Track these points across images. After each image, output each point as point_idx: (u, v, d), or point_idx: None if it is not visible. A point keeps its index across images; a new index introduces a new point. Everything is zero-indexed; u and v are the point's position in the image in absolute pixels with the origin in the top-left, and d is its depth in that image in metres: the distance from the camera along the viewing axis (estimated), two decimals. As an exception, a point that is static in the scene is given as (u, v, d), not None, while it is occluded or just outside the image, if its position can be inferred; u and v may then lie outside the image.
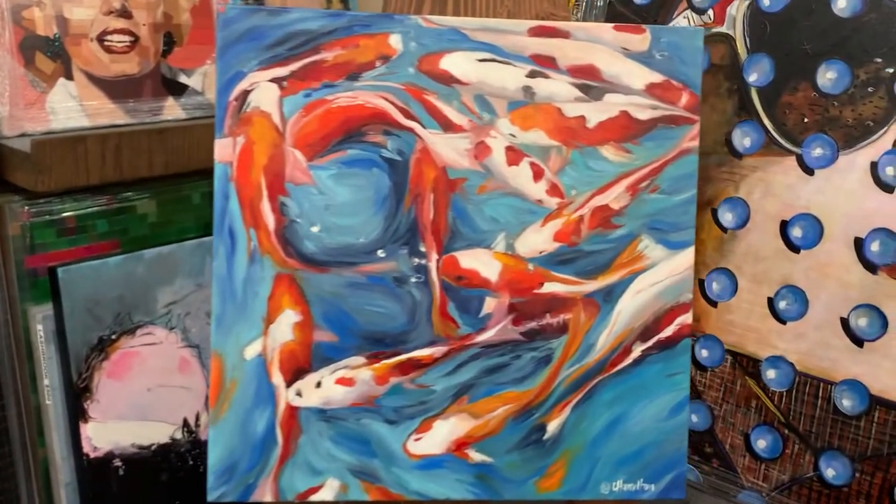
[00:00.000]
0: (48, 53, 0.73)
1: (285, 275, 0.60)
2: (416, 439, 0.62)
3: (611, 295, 0.63)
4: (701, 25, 0.77)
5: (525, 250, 0.62)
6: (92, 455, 0.80)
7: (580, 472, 0.63)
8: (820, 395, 0.70)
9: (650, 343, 0.64)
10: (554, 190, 0.62)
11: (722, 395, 0.77)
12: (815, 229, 0.69)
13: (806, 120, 0.70)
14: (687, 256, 0.63)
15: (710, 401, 0.78)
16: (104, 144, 0.72)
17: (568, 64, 0.62)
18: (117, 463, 0.83)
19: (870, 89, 0.67)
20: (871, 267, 0.66)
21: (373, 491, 0.61)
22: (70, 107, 0.74)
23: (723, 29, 0.75)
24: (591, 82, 0.62)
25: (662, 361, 0.64)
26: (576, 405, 0.63)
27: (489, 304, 0.62)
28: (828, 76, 0.69)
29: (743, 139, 0.73)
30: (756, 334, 0.73)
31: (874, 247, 0.66)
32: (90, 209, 0.76)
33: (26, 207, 0.70)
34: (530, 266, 0.62)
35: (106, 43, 0.76)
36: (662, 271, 0.63)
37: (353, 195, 0.60)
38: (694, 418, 0.79)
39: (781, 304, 0.71)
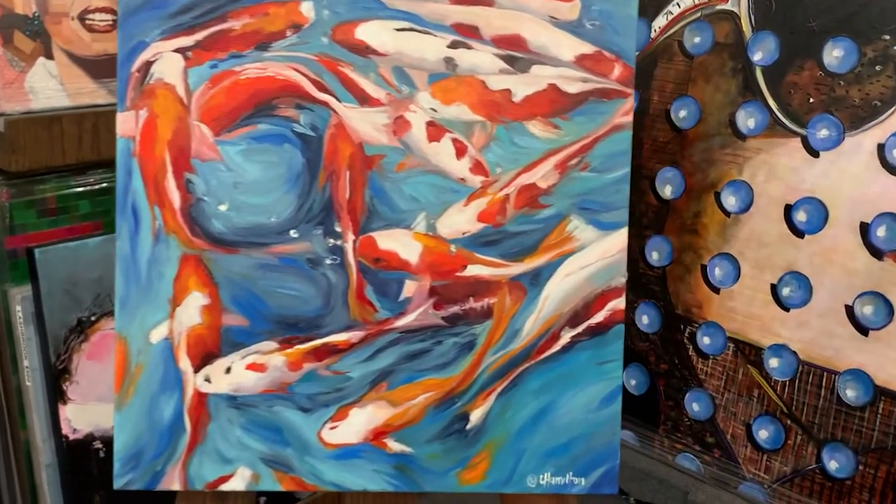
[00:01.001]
0: (27, 32, 0.71)
1: (192, 255, 0.58)
2: (332, 428, 0.59)
3: (538, 278, 0.60)
4: (705, 3, 0.74)
5: (447, 231, 0.59)
6: (71, 437, 0.80)
7: (505, 463, 0.60)
8: (823, 384, 0.68)
9: (580, 329, 0.61)
10: (477, 168, 0.59)
11: (723, 384, 0.76)
12: (820, 214, 0.67)
13: (811, 100, 0.68)
14: (619, 238, 0.60)
15: (711, 389, 0.77)
16: (81, 124, 0.71)
17: (492, 34, 0.59)
18: (97, 445, 0.82)
19: (877, 67, 0.64)
20: (877, 253, 0.64)
21: (286, 481, 0.59)
22: (50, 87, 0.73)
23: (727, 6, 0.73)
24: (516, 53, 0.59)
25: (593, 349, 0.61)
26: (500, 393, 0.60)
27: (409, 288, 0.59)
28: (834, 54, 0.67)
29: (747, 120, 0.71)
30: (759, 322, 0.71)
31: (880, 232, 0.64)
32: (71, 190, 0.75)
33: (5, 188, 0.69)
34: (452, 248, 0.59)
35: (87, 21, 0.74)
36: (593, 253, 0.60)
37: (264, 172, 0.58)
38: (695, 407, 0.77)
39: (785, 291, 0.69)
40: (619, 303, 0.60)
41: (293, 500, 1.04)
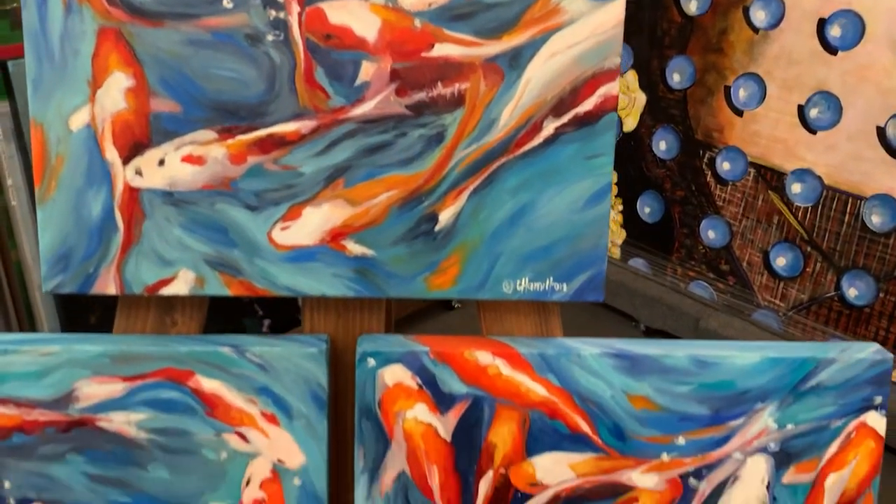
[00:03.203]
0: None
1: (111, 29, 0.50)
2: (283, 228, 0.53)
3: (518, 59, 0.52)
4: None
5: (410, 2, 0.50)
6: None
7: (478, 268, 0.55)
8: (848, 210, 0.66)
9: (565, 119, 0.53)
10: (446, -78, 0.49)
11: (742, 211, 0.74)
12: (856, 28, 0.62)
13: None
14: (615, 10, 0.51)
15: (728, 216, 0.75)
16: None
17: None
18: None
19: None
20: (916, 70, 0.56)
21: (234, 285, 0.54)
22: None
23: None
24: None
25: (580, 141, 0.53)
26: (473, 192, 0.53)
27: (366, 70, 0.51)
28: None
29: (779, -79, 0.61)
30: (783, 145, 0.68)
31: (921, 48, 0.56)
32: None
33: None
34: (417, 22, 0.51)
35: None
36: (584, 29, 0.51)
37: (188, -73, 0.49)
38: (711, 234, 0.75)
39: (813, 113, 0.66)
40: (612, 87, 0.52)
41: (296, 322, 1.02)
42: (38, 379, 0.53)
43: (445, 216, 0.54)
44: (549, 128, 0.53)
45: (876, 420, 0.56)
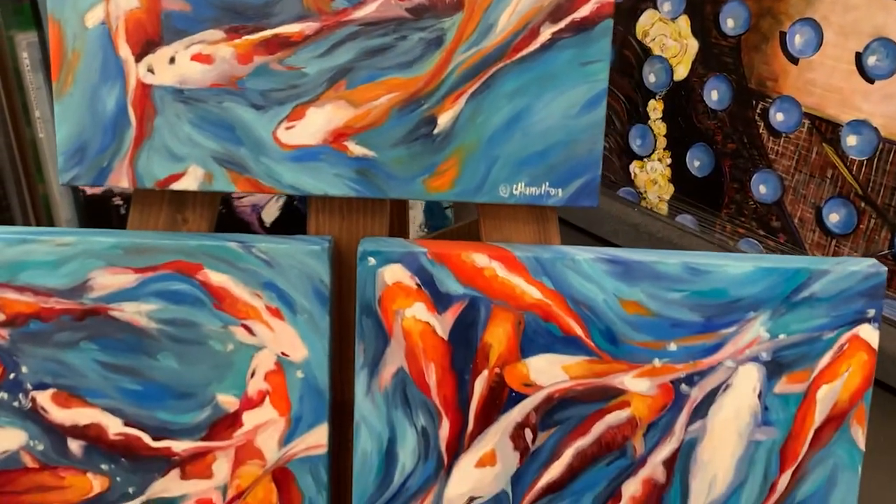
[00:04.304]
0: None
1: (124, -72, 0.52)
2: (288, 127, 0.55)
3: (515, -37, 0.53)
4: None
5: None
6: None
7: (475, 171, 0.56)
8: None
9: (562, 24, 0.54)
10: None
11: (795, 164, 0.71)
12: None
13: None
14: (610, -85, 0.52)
15: (780, 170, 0.72)
16: None
17: None
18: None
19: None
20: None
21: (241, 182, 0.56)
22: None
23: None
24: None
25: (576, 47, 0.54)
26: (471, 96, 0.55)
27: (368, -28, 0.53)
28: None
29: None
30: (839, 95, 0.65)
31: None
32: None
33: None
34: (417, -75, 0.52)
35: None
36: (580, -66, 0.52)
37: None
38: (762, 189, 0.73)
39: (871, 60, 0.63)
40: (608, -7, 0.53)
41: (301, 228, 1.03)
42: (55, 268, 0.55)
43: (444, 119, 0.55)
44: (546, 33, 0.54)
45: (869, 333, 0.57)
